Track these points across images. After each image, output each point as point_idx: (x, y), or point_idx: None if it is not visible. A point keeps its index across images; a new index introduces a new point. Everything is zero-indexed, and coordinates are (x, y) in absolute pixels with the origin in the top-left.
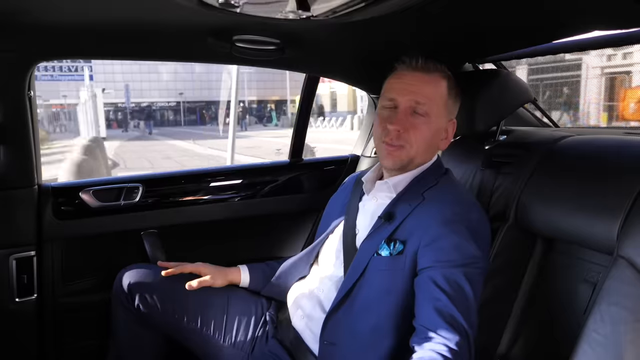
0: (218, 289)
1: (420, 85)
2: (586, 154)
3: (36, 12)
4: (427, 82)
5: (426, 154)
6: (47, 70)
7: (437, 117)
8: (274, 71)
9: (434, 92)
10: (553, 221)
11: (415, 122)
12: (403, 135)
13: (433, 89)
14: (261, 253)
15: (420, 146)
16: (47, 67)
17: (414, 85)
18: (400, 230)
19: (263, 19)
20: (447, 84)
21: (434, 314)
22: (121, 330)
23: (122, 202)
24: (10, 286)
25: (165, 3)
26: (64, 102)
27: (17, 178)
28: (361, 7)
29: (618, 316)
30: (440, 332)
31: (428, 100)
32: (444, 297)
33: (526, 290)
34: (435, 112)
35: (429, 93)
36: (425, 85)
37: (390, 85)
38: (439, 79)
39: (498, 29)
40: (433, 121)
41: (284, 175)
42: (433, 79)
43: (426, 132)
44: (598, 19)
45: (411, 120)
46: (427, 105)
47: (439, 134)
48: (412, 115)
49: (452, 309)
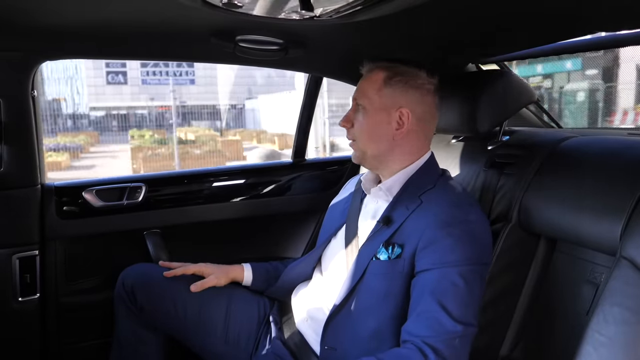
0: (220, 289)
1: (360, 84)
2: (589, 154)
3: (40, 12)
4: (364, 80)
5: (377, 145)
6: (155, 75)
7: (374, 107)
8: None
9: (368, 85)
10: (556, 222)
11: (356, 116)
12: (350, 130)
13: (367, 83)
14: (264, 253)
15: (364, 138)
16: (155, 72)
17: (358, 86)
18: (398, 233)
19: (266, 19)
20: (385, 75)
21: (416, 316)
22: (123, 330)
23: (125, 202)
24: (13, 285)
25: (169, 3)
26: (169, 104)
27: (20, 177)
28: (364, 8)
29: (621, 317)
30: (419, 332)
31: (363, 94)
32: (430, 299)
33: (529, 291)
34: (371, 103)
35: (363, 88)
36: (363, 82)
37: None
38: (375, 71)
39: (501, 29)
40: (370, 113)
41: (286, 175)
42: (370, 74)
43: (365, 123)
44: (603, 20)
45: (354, 116)
46: (362, 99)
47: (384, 125)
48: (355, 111)
49: (437, 310)
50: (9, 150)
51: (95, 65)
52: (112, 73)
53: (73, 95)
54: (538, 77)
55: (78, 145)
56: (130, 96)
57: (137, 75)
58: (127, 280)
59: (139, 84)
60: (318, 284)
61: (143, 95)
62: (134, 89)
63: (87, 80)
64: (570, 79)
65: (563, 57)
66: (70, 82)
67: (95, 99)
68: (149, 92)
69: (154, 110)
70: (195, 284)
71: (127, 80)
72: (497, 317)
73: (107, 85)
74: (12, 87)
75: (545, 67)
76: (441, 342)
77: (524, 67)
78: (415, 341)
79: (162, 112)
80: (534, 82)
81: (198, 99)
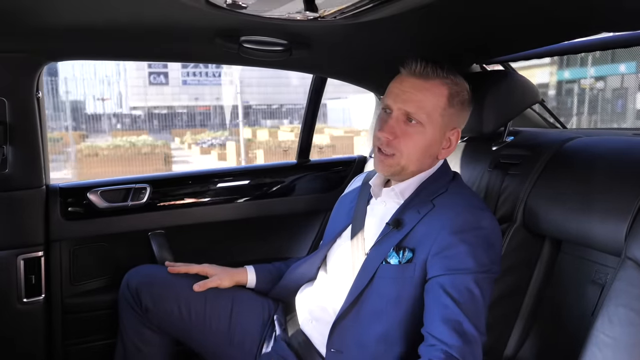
0: (224, 290)
1: (415, 93)
2: (594, 155)
3: (45, 13)
4: (423, 89)
5: (421, 163)
6: (195, 76)
7: (433, 127)
8: None
9: (430, 100)
10: (561, 222)
11: (407, 130)
12: (393, 143)
13: (429, 97)
14: (268, 254)
15: (412, 155)
16: (195, 72)
17: (409, 92)
18: (409, 237)
19: (270, 19)
20: (449, 92)
21: (440, 322)
22: (128, 331)
23: (130, 203)
24: (18, 286)
25: (173, 4)
26: (208, 104)
27: (25, 178)
28: (369, 8)
29: (626, 318)
30: (446, 339)
31: (422, 109)
32: (452, 304)
33: (534, 292)
34: (431, 122)
35: (423, 101)
36: (420, 92)
37: (389, 90)
38: (438, 85)
39: (506, 29)
40: (428, 131)
41: (291, 176)
42: (431, 85)
43: (419, 141)
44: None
45: (403, 128)
46: (421, 114)
47: (436, 144)
48: (405, 123)
49: (459, 315)
50: (14, 151)
51: (137, 66)
52: (154, 74)
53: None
54: (590, 79)
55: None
56: (171, 96)
57: (177, 76)
58: (131, 282)
59: (179, 84)
60: (323, 284)
61: (184, 95)
62: (175, 89)
63: (130, 80)
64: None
65: (616, 61)
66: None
67: (137, 99)
68: (189, 92)
69: (194, 109)
70: (198, 284)
71: (169, 81)
72: (502, 317)
73: (149, 86)
74: (17, 88)
75: (597, 70)
76: (469, 354)
77: (576, 69)
78: (446, 351)
79: (204, 112)
80: (584, 84)
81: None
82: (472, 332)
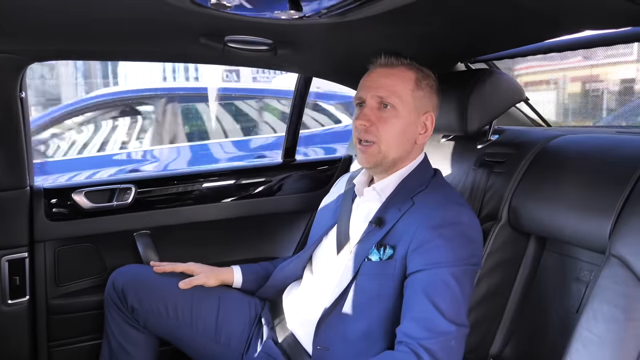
0: (210, 289)
1: (383, 80)
2: (578, 153)
3: (28, 14)
4: (391, 75)
5: (401, 149)
6: (264, 72)
7: (407, 109)
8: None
9: (399, 84)
10: (545, 220)
11: (382, 115)
12: (371, 129)
13: (397, 81)
14: (254, 253)
15: (390, 139)
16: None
17: (378, 80)
18: (390, 235)
19: (255, 19)
20: (415, 76)
21: (411, 319)
22: (114, 331)
23: (115, 203)
24: (3, 288)
25: (158, 3)
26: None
27: (8, 179)
28: (353, 7)
29: (610, 315)
30: (413, 334)
31: (393, 93)
32: (425, 302)
33: (519, 290)
34: (403, 104)
35: (394, 85)
36: (388, 78)
37: (360, 85)
38: (405, 70)
39: (490, 28)
40: (402, 113)
41: (276, 175)
42: (397, 71)
43: (395, 124)
44: (589, 18)
45: (378, 114)
46: (393, 97)
47: (412, 127)
48: (379, 109)
49: (432, 312)
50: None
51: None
52: (226, 71)
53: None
54: None
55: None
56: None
57: (248, 74)
58: (117, 282)
59: (250, 81)
60: (309, 284)
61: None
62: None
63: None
64: None
65: None
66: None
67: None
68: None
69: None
70: (183, 281)
71: (240, 78)
72: (488, 315)
73: (222, 83)
74: (0, 89)
75: None
76: (436, 344)
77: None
78: (411, 343)
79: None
80: None
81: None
82: (446, 327)
